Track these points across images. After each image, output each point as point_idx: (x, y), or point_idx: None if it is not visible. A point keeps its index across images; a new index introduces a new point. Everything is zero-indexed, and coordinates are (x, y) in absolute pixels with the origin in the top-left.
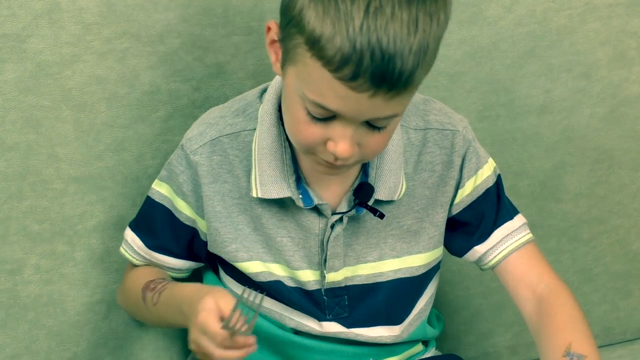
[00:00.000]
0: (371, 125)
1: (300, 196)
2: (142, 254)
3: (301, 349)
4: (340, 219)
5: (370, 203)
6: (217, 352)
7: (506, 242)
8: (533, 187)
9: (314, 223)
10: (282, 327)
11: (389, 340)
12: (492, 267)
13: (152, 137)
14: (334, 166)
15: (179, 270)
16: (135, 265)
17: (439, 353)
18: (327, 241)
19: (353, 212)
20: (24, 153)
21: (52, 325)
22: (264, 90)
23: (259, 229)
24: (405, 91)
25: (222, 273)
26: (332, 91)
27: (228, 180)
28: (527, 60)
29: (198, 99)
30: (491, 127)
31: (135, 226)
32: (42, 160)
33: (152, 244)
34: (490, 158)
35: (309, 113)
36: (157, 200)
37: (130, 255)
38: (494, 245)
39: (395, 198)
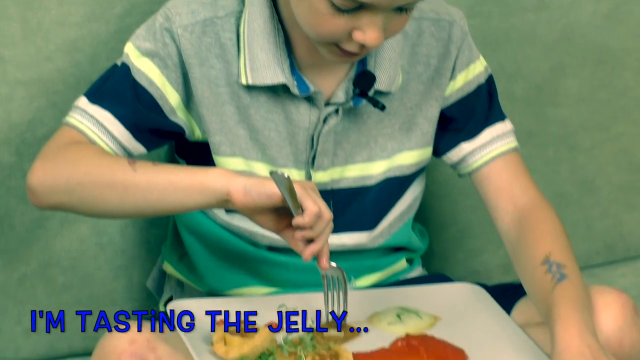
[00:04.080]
0: (400, 9)
1: (295, 83)
2: (118, 135)
3: (276, 266)
4: (336, 111)
5: (370, 94)
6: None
7: (495, 143)
8: (529, 90)
9: (305, 116)
10: (254, 243)
11: (365, 242)
12: (474, 171)
13: (107, 36)
14: (352, 54)
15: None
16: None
17: (425, 272)
18: (319, 135)
19: (350, 103)
20: None
21: None
22: None
23: (244, 121)
24: None
25: None
26: None
27: (215, 65)
28: None
29: None
30: (483, 24)
31: (105, 104)
32: None
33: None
34: (482, 56)
35: (332, 5)
36: (143, 85)
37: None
38: (483, 145)
39: (393, 90)
